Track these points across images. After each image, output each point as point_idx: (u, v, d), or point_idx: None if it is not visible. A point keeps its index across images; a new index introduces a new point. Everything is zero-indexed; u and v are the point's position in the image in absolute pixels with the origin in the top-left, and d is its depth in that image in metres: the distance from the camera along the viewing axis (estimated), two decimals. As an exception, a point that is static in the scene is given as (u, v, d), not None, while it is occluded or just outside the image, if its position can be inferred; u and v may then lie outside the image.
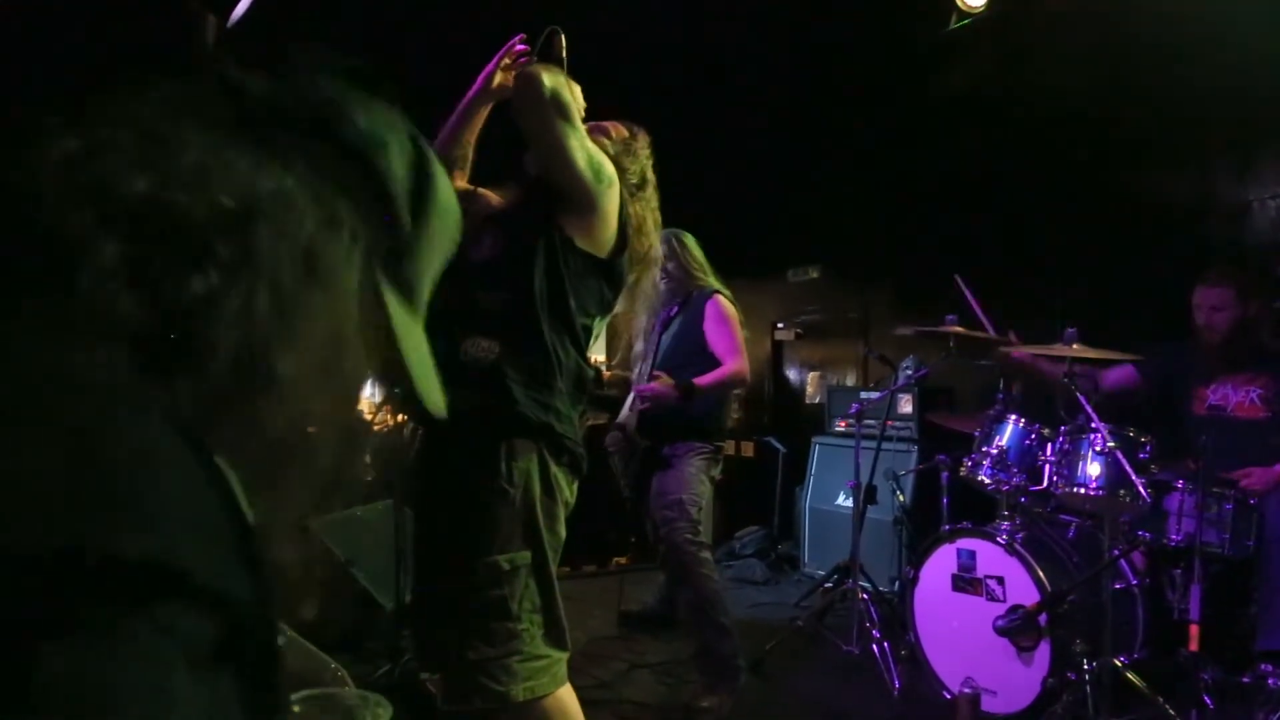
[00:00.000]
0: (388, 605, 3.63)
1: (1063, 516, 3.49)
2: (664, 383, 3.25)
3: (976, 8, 4.96)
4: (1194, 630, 2.85)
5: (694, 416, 3.38)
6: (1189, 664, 2.88)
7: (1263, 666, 3.04)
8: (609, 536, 5.22)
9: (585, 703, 3.38)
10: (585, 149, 1.93)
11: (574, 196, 1.97)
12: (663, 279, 3.49)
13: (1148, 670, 3.11)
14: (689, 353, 3.41)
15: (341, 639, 3.78)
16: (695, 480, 3.33)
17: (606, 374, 6.19)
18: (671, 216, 3.61)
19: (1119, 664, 2.91)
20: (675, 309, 3.53)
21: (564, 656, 2.03)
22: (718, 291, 3.47)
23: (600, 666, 3.67)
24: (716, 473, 3.50)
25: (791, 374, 6.59)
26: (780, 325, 6.54)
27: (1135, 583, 3.22)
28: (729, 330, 3.38)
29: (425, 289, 0.77)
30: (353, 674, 3.44)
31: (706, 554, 3.28)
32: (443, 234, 0.76)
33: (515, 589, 1.91)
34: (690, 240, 3.57)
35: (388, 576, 3.67)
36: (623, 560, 5.27)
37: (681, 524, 3.23)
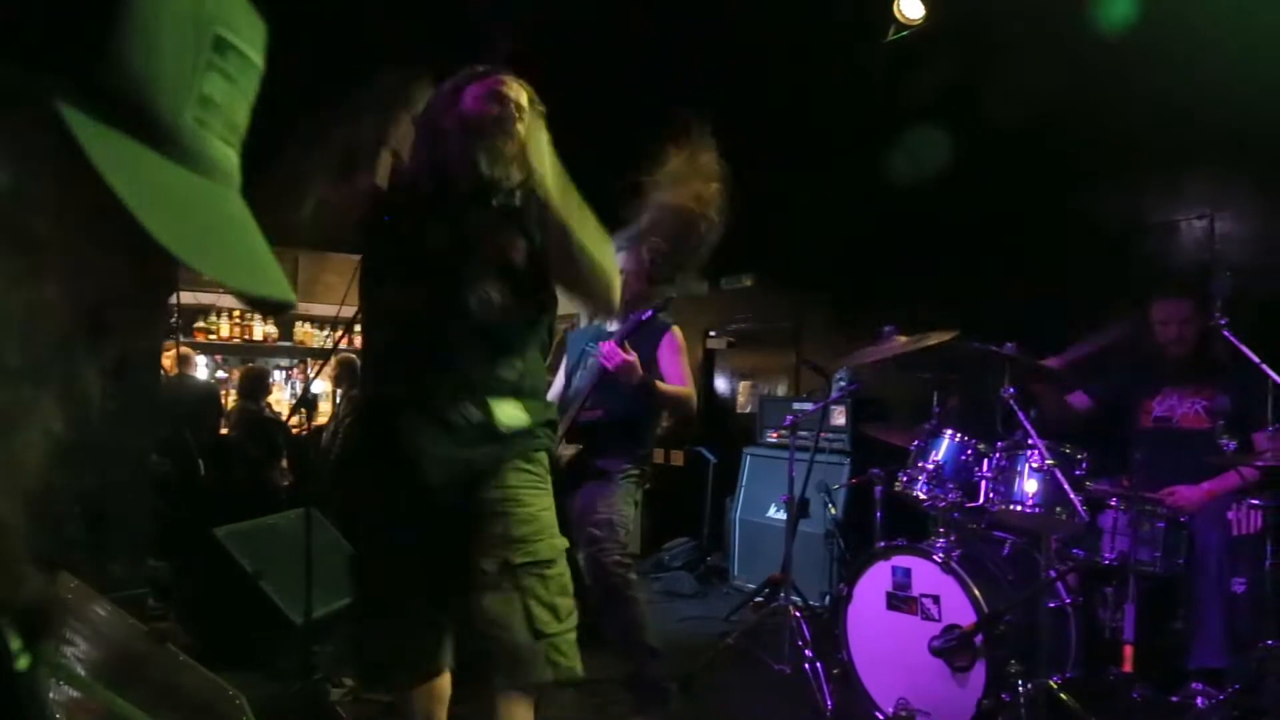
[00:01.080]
0: (297, 620, 3.39)
1: (997, 534, 3.45)
2: (637, 364, 3.10)
3: (914, 20, 4.95)
4: (1128, 650, 2.83)
5: (629, 434, 3.26)
6: (1121, 683, 2.86)
7: (1193, 685, 3.04)
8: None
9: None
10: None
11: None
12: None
13: (1081, 690, 3.08)
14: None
15: (248, 656, 3.55)
16: (623, 502, 3.22)
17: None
18: (609, 224, 3.52)
19: (1053, 684, 2.88)
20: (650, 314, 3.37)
21: None
22: (674, 325, 3.38)
23: (522, 686, 3.50)
24: (639, 496, 3.38)
25: (722, 383, 6.51)
26: (712, 334, 6.46)
27: (1069, 601, 3.19)
28: (682, 361, 3.35)
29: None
30: (260, 694, 3.22)
31: (634, 575, 3.16)
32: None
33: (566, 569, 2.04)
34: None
35: (299, 589, 3.43)
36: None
37: (609, 545, 3.10)
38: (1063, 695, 2.88)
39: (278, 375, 7.73)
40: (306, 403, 6.47)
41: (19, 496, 0.51)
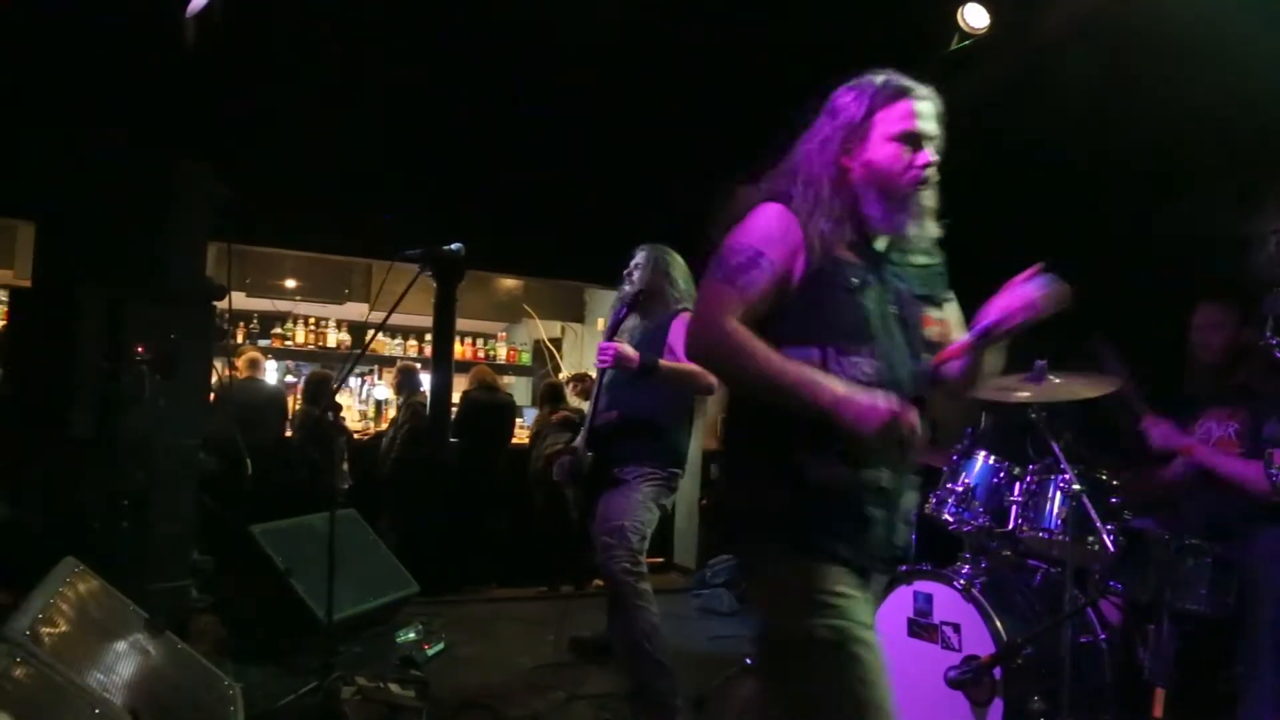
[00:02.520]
0: (320, 616, 3.46)
1: (1030, 562, 3.28)
2: (629, 349, 3.06)
3: (979, 29, 4.79)
4: (1159, 693, 2.64)
5: (650, 437, 3.20)
6: (1151, 730, 2.66)
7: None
8: (561, 560, 5.07)
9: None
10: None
11: None
12: (628, 285, 3.35)
13: (1112, 733, 2.90)
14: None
15: (275, 651, 3.65)
16: (641, 507, 3.12)
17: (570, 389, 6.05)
18: (653, 233, 3.51)
19: (1077, 725, 2.71)
20: (624, 310, 3.35)
21: None
22: (688, 309, 3.29)
23: (538, 696, 3.50)
24: (669, 501, 3.29)
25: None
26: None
27: (1104, 637, 3.01)
28: None
29: None
30: (278, 689, 3.31)
31: (645, 585, 3.07)
32: None
33: None
34: (678, 266, 3.39)
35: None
36: (570, 587, 5.12)
37: (619, 552, 3.04)
38: (1088, 737, 2.71)
39: (354, 382, 7.98)
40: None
41: None
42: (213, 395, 4.11)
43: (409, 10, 4.67)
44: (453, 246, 3.43)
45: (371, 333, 5.28)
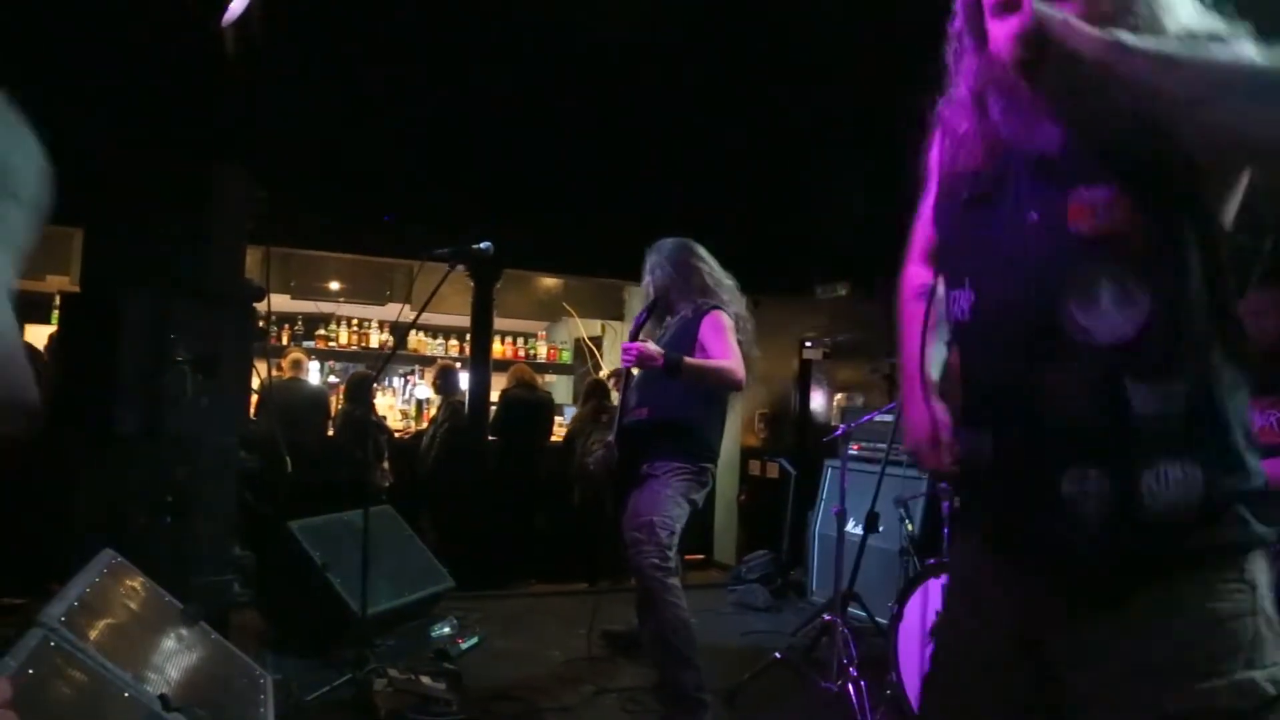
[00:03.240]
0: (356, 610, 3.53)
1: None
2: (652, 347, 3.07)
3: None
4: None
5: (680, 433, 3.21)
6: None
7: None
8: (600, 556, 5.09)
9: (540, 727, 3.26)
10: None
11: None
12: (651, 281, 3.37)
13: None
14: None
15: (313, 643, 3.73)
16: (670, 502, 3.12)
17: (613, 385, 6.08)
18: (694, 232, 3.51)
19: None
20: (644, 316, 3.36)
21: None
22: (717, 307, 3.30)
23: (568, 689, 3.53)
24: (700, 496, 3.28)
25: (818, 394, 6.36)
26: (808, 344, 6.33)
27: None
28: (726, 337, 3.17)
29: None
30: (311, 680, 3.39)
31: (674, 580, 3.07)
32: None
33: None
34: (700, 258, 3.40)
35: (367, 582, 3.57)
36: (607, 582, 5.14)
37: (648, 548, 3.05)
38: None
39: (397, 382, 8.12)
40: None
41: None
42: (255, 395, 4.22)
43: (445, 11, 4.73)
44: (482, 245, 3.47)
45: (408, 331, 5.34)
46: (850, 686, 3.22)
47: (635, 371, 3.28)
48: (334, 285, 7.49)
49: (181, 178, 3.48)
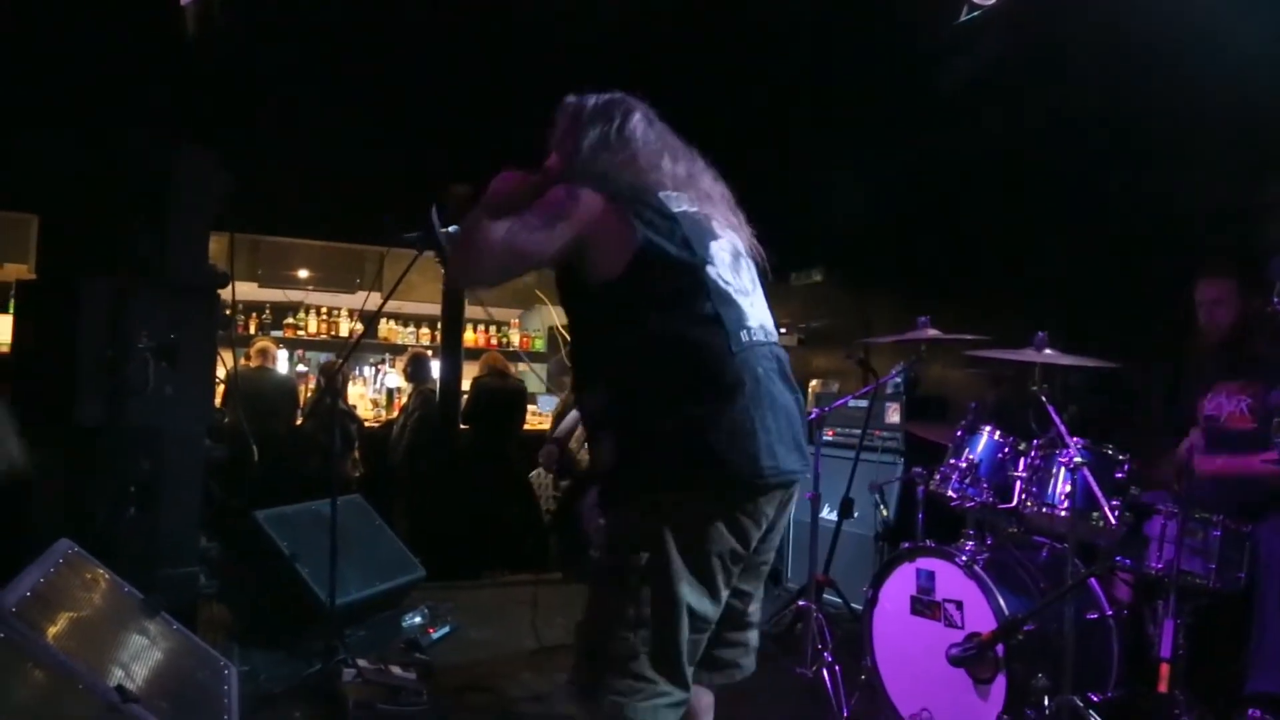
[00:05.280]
0: (325, 600, 3.48)
1: (1036, 538, 3.23)
2: None
3: (987, 1, 4.70)
4: (1164, 670, 2.58)
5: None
6: (1157, 706, 2.61)
7: (1250, 712, 2.76)
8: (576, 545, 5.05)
9: (512, 716, 3.24)
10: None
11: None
12: None
13: (1120, 710, 2.86)
14: None
15: (281, 634, 3.67)
16: None
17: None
18: None
19: (1082, 702, 2.66)
20: None
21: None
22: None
23: (541, 679, 3.50)
24: None
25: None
26: (783, 330, 6.32)
27: (1110, 613, 2.96)
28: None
29: None
30: (279, 671, 3.34)
31: None
32: None
33: None
34: None
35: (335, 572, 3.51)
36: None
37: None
38: (1094, 713, 2.66)
39: (368, 371, 8.01)
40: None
41: None
42: (221, 384, 4.13)
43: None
44: (450, 229, 3.42)
45: (376, 317, 5.27)
46: (825, 672, 3.21)
47: None
48: (303, 273, 7.37)
49: (142, 161, 3.40)
